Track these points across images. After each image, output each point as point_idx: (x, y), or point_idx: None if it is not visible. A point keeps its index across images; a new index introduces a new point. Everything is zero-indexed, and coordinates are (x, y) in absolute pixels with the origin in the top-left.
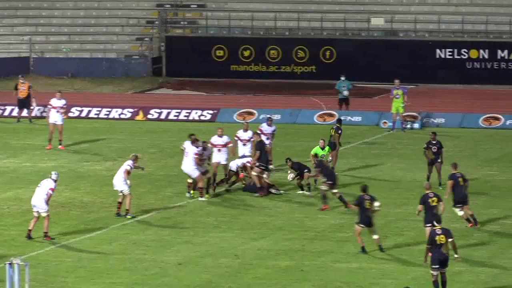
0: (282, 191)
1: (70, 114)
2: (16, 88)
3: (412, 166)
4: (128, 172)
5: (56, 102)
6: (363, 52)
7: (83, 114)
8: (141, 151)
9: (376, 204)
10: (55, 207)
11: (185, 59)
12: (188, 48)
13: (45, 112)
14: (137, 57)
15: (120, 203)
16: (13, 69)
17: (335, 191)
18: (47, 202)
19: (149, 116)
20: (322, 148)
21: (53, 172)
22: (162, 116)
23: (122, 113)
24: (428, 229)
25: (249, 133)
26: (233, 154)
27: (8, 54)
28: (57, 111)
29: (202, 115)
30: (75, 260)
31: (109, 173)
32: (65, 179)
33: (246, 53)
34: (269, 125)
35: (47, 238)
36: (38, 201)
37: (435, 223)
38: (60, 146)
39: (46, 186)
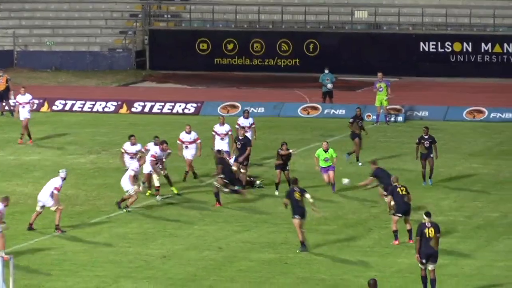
0: (263, 186)
1: (54, 107)
2: None
3: (396, 159)
4: (134, 177)
5: (21, 98)
6: (346, 45)
7: (67, 107)
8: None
9: (307, 195)
10: None
11: (168, 53)
12: (172, 41)
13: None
14: (121, 50)
15: (124, 199)
16: None
17: (226, 190)
18: (53, 198)
19: (133, 109)
20: (326, 151)
21: (61, 170)
22: (146, 109)
23: (106, 106)
24: (395, 218)
25: (226, 127)
26: (200, 151)
27: None
28: (23, 107)
29: (186, 108)
30: (60, 253)
31: (93, 166)
32: (49, 173)
33: (230, 46)
34: (245, 117)
35: (58, 231)
36: (44, 197)
37: (425, 216)
38: (20, 141)
39: (52, 184)
